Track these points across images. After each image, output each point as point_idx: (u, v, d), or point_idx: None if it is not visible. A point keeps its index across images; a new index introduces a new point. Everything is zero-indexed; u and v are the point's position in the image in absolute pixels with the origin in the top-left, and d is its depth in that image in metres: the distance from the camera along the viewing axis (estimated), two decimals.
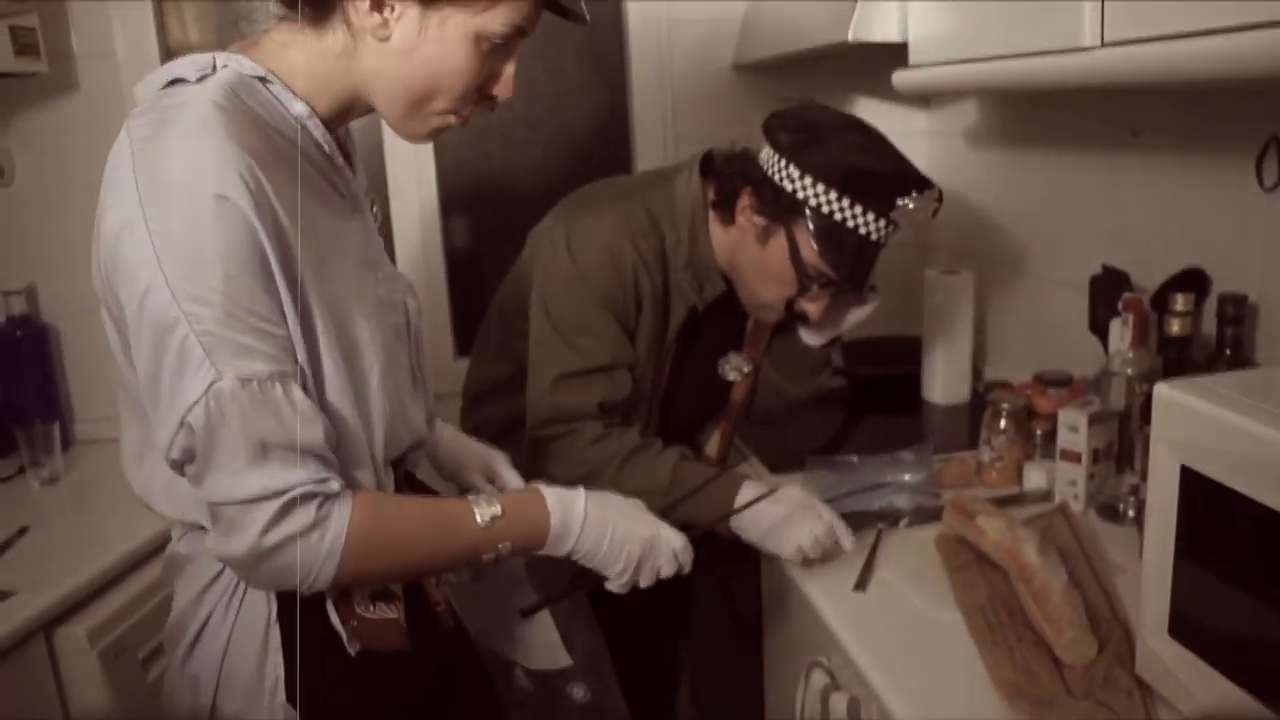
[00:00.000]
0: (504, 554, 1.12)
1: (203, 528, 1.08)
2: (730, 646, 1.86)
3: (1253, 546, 0.93)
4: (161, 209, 0.93)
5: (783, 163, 1.52)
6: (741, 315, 1.77)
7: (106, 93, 2.26)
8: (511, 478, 1.38)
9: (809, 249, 1.52)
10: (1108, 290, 1.73)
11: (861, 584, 1.38)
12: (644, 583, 1.22)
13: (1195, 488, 0.98)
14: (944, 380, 2.18)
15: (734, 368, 1.78)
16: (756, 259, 1.59)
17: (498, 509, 1.10)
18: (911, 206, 1.50)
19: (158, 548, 1.80)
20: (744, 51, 2.36)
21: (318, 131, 1.08)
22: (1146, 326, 1.59)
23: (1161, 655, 1.05)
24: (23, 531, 1.79)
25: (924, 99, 2.49)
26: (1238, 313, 1.46)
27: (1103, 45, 1.22)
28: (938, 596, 1.34)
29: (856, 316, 1.70)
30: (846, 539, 1.43)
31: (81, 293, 2.32)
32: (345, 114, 1.12)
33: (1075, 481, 1.56)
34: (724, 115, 2.45)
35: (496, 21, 1.05)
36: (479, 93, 1.09)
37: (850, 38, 1.75)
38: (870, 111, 2.50)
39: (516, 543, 1.12)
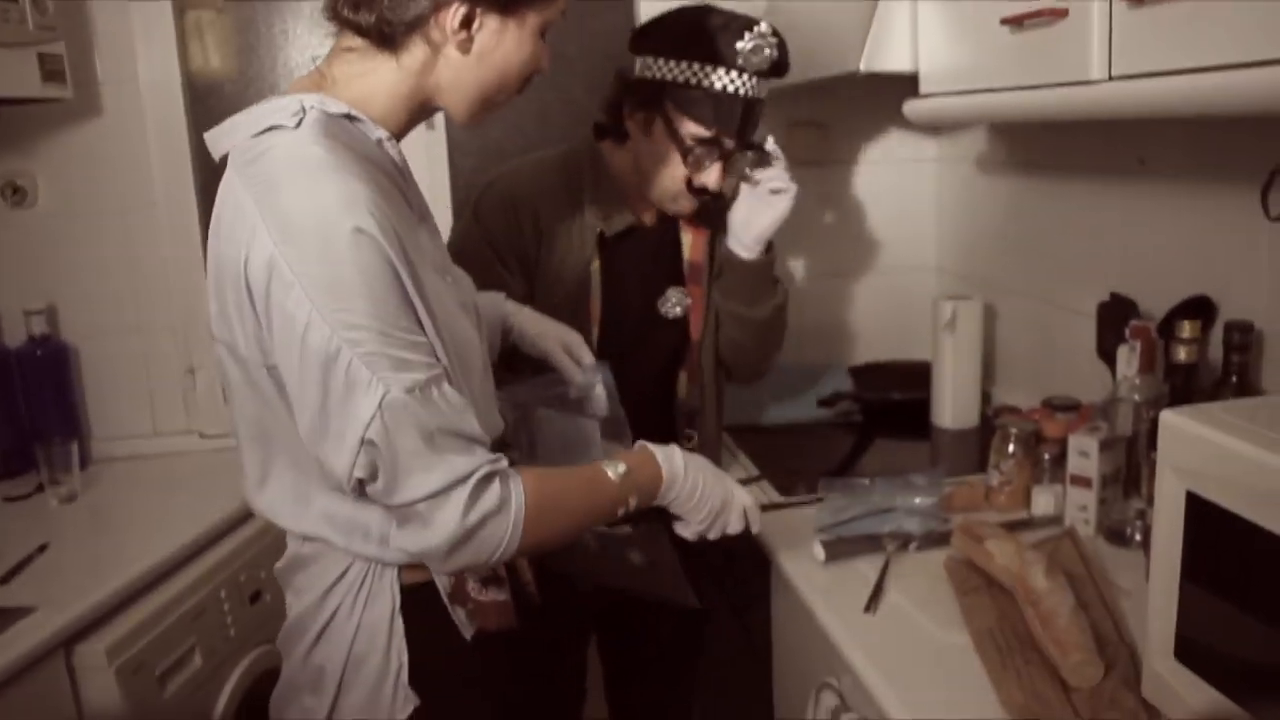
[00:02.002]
0: (631, 508, 1.23)
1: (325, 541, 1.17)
2: (740, 667, 1.87)
3: (1258, 571, 0.94)
4: (301, 251, 1.00)
5: (641, 61, 1.67)
6: (673, 255, 1.81)
7: (129, 118, 2.30)
8: (585, 354, 1.53)
9: (680, 119, 1.64)
10: (1115, 317, 1.75)
11: (871, 606, 1.39)
12: (713, 535, 1.34)
13: (1201, 513, 1.00)
14: (953, 405, 2.20)
15: (674, 304, 1.81)
16: (648, 151, 1.69)
17: (623, 466, 1.21)
18: (749, 47, 1.59)
19: (175, 565, 1.83)
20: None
21: (394, 151, 1.16)
22: (1154, 353, 1.60)
23: (1167, 678, 1.07)
24: (42, 549, 1.81)
25: (934, 127, 2.51)
26: (1244, 340, 1.47)
27: (1110, 79, 1.25)
28: (947, 619, 1.35)
29: (770, 206, 1.73)
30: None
31: (101, 313, 2.37)
32: (412, 124, 1.20)
33: (1086, 506, 1.57)
34: None
35: (557, 10, 1.18)
36: (529, 78, 1.21)
37: (862, 68, 1.78)
38: (881, 138, 2.53)
39: (640, 494, 1.23)
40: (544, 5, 1.16)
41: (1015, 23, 1.41)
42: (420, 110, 1.18)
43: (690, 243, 1.82)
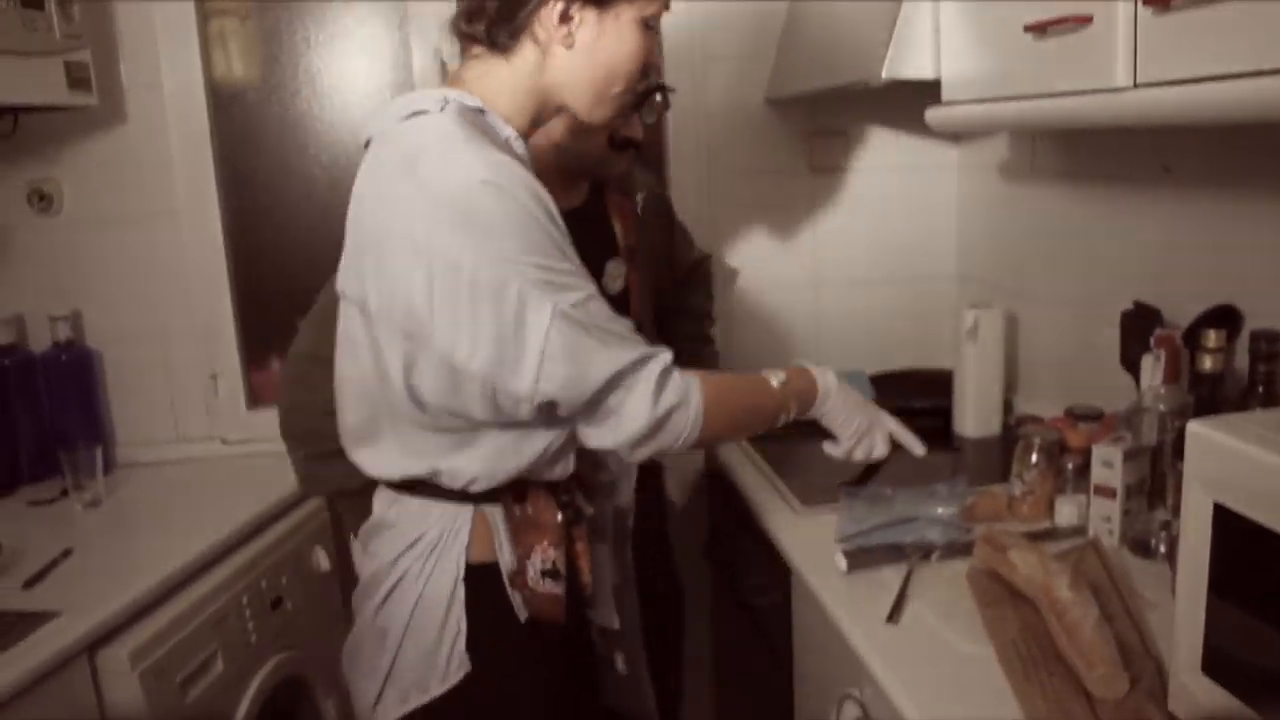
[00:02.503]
0: (790, 415, 1.40)
1: (427, 484, 1.29)
2: (761, 677, 1.87)
3: None
4: (450, 207, 1.12)
5: None
6: (604, 231, 1.82)
7: (153, 124, 2.32)
8: None
9: None
10: (1139, 326, 1.74)
11: (894, 616, 1.39)
12: (859, 455, 1.53)
13: (1229, 525, 0.99)
14: (975, 413, 2.18)
15: (614, 277, 1.81)
16: (567, 124, 1.66)
17: (783, 374, 1.38)
18: None
19: (198, 571, 1.84)
20: (777, 87, 2.39)
21: (519, 148, 1.27)
22: (1179, 362, 1.59)
23: (1194, 692, 1.05)
24: (66, 554, 1.82)
25: (956, 135, 2.50)
26: (1270, 349, 1.46)
27: (1135, 86, 1.24)
28: (970, 630, 1.34)
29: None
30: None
31: (124, 318, 2.39)
32: (535, 123, 1.32)
33: (1110, 517, 1.56)
34: (758, 148, 2.49)
35: (653, 6, 1.27)
36: (644, 70, 1.30)
37: (884, 75, 1.77)
38: (903, 146, 2.53)
39: (799, 401, 1.41)
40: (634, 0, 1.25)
41: (1039, 30, 1.40)
42: (543, 108, 1.30)
43: (620, 229, 1.84)
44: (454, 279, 1.12)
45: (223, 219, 2.41)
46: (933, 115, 1.78)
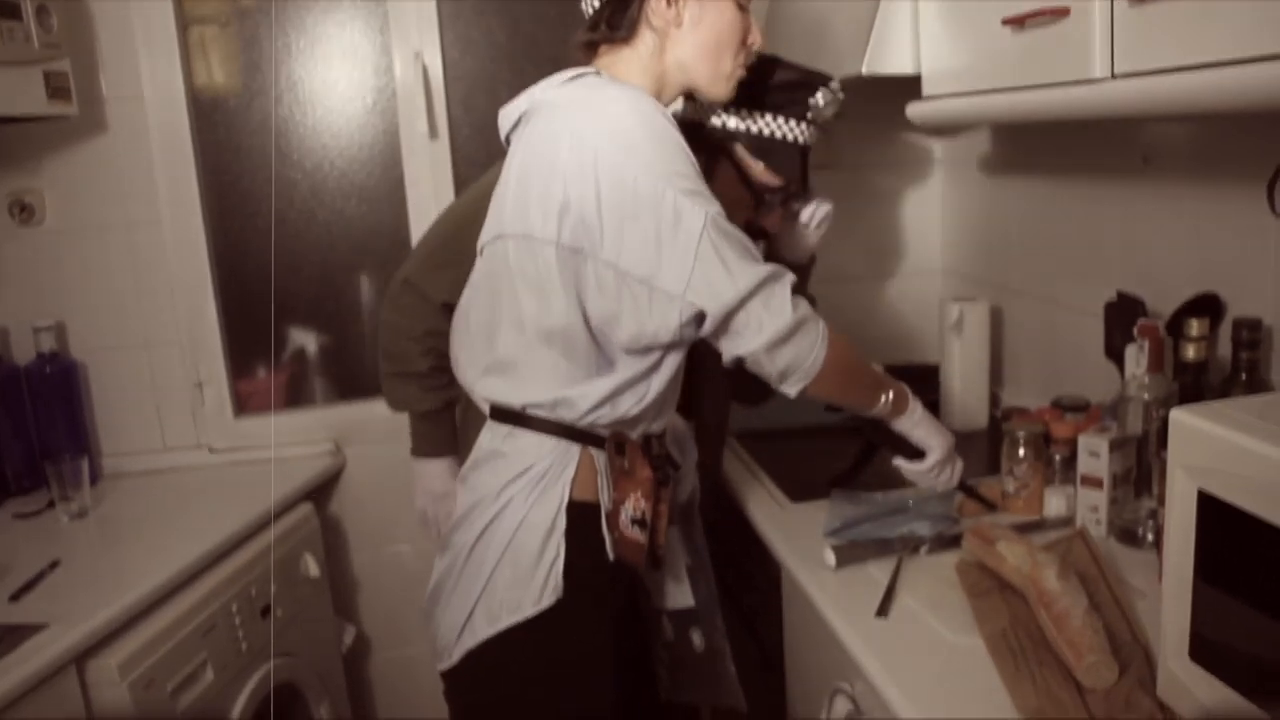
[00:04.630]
0: (887, 404, 1.50)
1: (542, 419, 1.40)
2: (752, 673, 1.87)
3: (1272, 569, 0.94)
4: (624, 130, 1.30)
5: (710, 110, 1.67)
6: None
7: (134, 134, 2.31)
8: None
9: (752, 167, 1.65)
10: (1123, 316, 1.75)
11: (884, 610, 1.39)
12: (942, 478, 1.59)
13: (1213, 512, 0.99)
14: (961, 406, 2.19)
15: None
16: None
17: (879, 367, 1.50)
18: (822, 102, 1.64)
19: (186, 580, 1.83)
20: None
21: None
22: (1162, 352, 1.60)
23: (1183, 678, 1.06)
24: (53, 565, 1.82)
25: (938, 129, 2.51)
26: (1253, 337, 1.47)
27: (1113, 77, 1.24)
28: (959, 622, 1.35)
29: (814, 233, 1.79)
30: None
31: (108, 329, 2.38)
32: (670, 103, 1.48)
33: (1097, 507, 1.57)
34: None
35: None
36: (746, 48, 1.48)
37: (864, 70, 1.78)
38: (885, 141, 2.53)
39: (896, 398, 1.51)
40: None
41: (1017, 23, 1.41)
42: (666, 89, 1.48)
43: None
44: (619, 190, 1.28)
45: (205, 227, 2.40)
46: (914, 110, 1.79)
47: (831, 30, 1.97)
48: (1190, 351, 1.55)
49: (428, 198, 2.46)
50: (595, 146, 1.29)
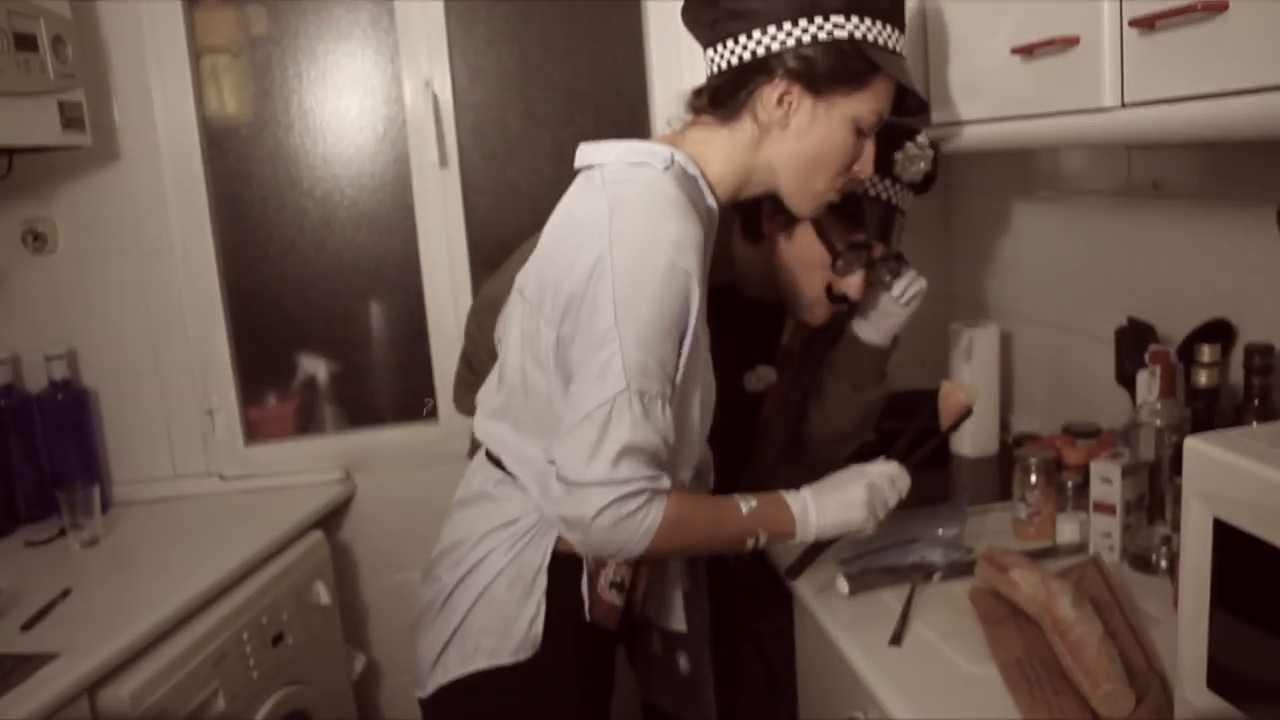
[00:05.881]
0: (760, 543, 1.37)
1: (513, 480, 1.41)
2: (765, 700, 1.86)
3: None
4: (628, 257, 1.22)
5: None
6: (771, 333, 1.79)
7: (146, 163, 2.33)
8: None
9: (833, 223, 1.59)
10: (1134, 342, 1.75)
11: (897, 638, 1.39)
12: (880, 517, 1.43)
13: (1229, 540, 0.99)
14: (972, 433, 2.19)
15: (759, 380, 1.79)
16: (789, 255, 1.64)
17: (754, 502, 1.35)
18: (907, 157, 1.58)
19: (197, 608, 1.83)
20: None
21: (713, 222, 1.36)
22: (1174, 378, 1.60)
23: (1200, 707, 1.05)
24: (65, 594, 1.82)
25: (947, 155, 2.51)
26: (1265, 363, 1.47)
27: (1123, 106, 1.25)
28: (973, 650, 1.34)
29: (906, 309, 1.71)
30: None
31: (120, 357, 2.39)
32: (735, 197, 1.42)
33: (1110, 534, 1.56)
34: None
35: (865, 107, 1.34)
36: (849, 174, 1.39)
37: None
38: None
39: (770, 530, 1.37)
40: (852, 95, 1.32)
41: (1026, 52, 1.42)
42: (749, 184, 1.39)
43: (791, 330, 1.80)
44: (590, 311, 1.23)
45: (217, 255, 2.41)
46: (923, 138, 1.79)
47: None
48: (1202, 377, 1.55)
49: (437, 226, 2.47)
50: (606, 261, 1.23)
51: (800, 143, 1.34)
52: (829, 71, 1.30)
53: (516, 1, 2.46)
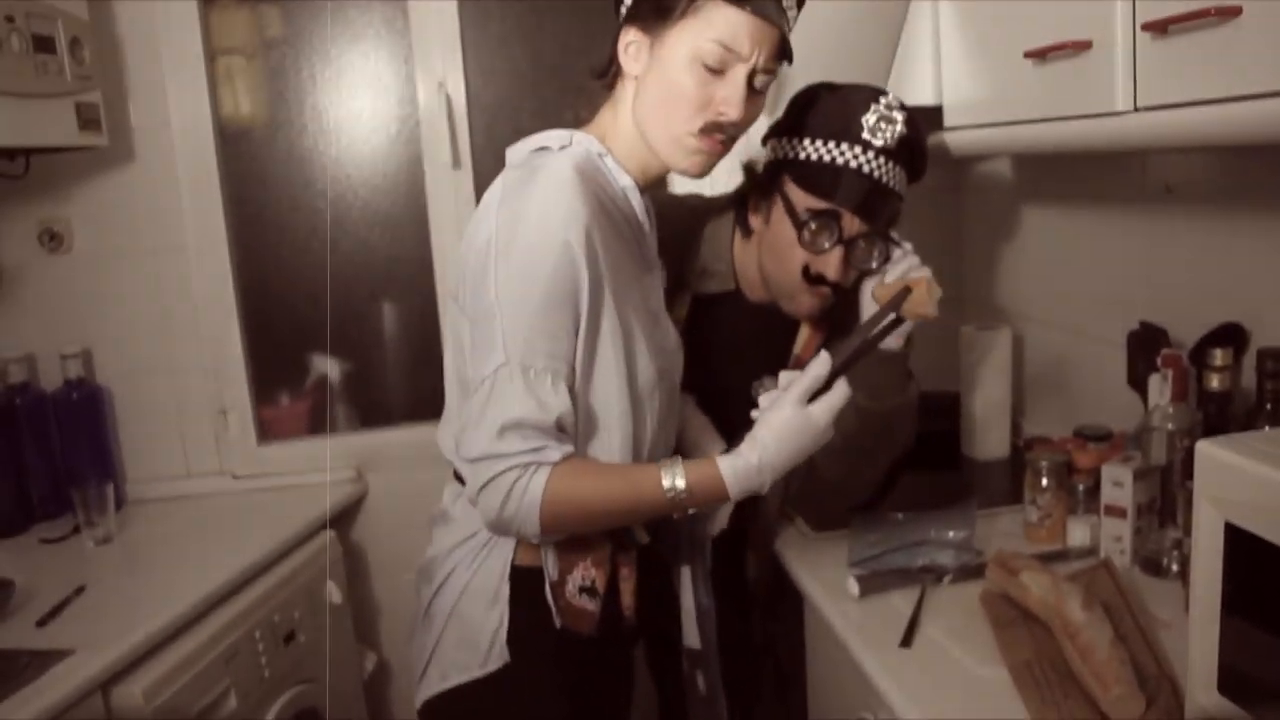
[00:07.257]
0: (692, 509, 1.31)
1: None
2: (774, 702, 1.86)
3: None
4: (510, 234, 1.23)
5: (766, 147, 1.61)
6: (783, 342, 1.73)
7: (162, 163, 2.35)
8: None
9: (796, 193, 1.54)
10: (1146, 346, 1.74)
11: (907, 640, 1.39)
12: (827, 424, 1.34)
13: (1241, 544, 0.99)
14: (983, 435, 2.19)
15: (767, 389, 1.74)
16: (769, 242, 1.60)
17: (682, 483, 1.26)
18: (873, 119, 1.50)
19: (210, 606, 1.84)
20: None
21: (635, 199, 1.36)
22: (1186, 382, 1.59)
23: (1211, 711, 1.05)
24: (79, 591, 1.83)
25: (959, 159, 2.51)
26: (1277, 367, 1.46)
27: (1136, 110, 1.25)
28: (983, 653, 1.34)
29: (909, 289, 1.54)
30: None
31: (134, 355, 2.40)
32: (649, 169, 1.37)
33: (1121, 537, 1.56)
34: None
35: (702, 37, 1.25)
36: (708, 115, 1.28)
37: None
38: None
39: (696, 500, 1.29)
40: (682, 26, 1.25)
41: (1039, 55, 1.42)
42: (647, 150, 1.33)
43: (805, 339, 1.72)
44: (479, 289, 1.24)
45: (231, 255, 2.42)
46: (935, 140, 1.80)
47: (853, 61, 1.97)
48: (1214, 381, 1.54)
49: (451, 227, 2.48)
50: (487, 240, 1.25)
51: (648, 88, 1.29)
52: (651, 6, 1.27)
53: (530, 1, 2.47)
